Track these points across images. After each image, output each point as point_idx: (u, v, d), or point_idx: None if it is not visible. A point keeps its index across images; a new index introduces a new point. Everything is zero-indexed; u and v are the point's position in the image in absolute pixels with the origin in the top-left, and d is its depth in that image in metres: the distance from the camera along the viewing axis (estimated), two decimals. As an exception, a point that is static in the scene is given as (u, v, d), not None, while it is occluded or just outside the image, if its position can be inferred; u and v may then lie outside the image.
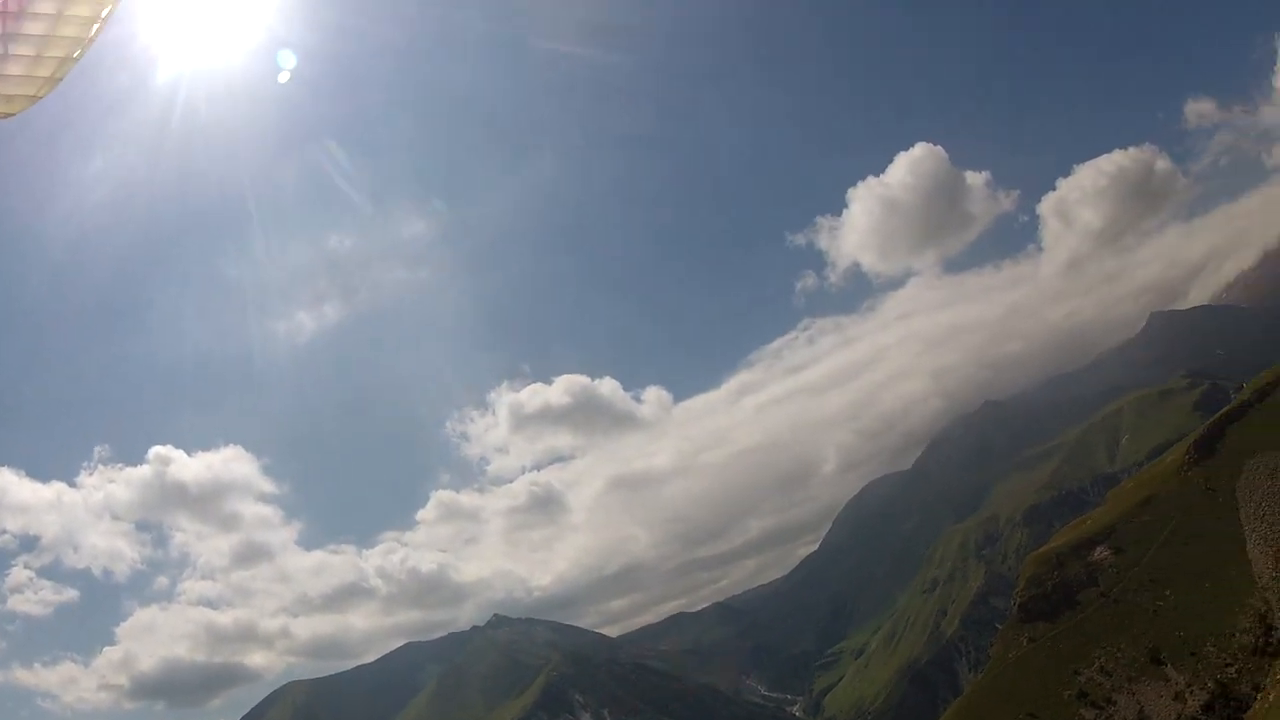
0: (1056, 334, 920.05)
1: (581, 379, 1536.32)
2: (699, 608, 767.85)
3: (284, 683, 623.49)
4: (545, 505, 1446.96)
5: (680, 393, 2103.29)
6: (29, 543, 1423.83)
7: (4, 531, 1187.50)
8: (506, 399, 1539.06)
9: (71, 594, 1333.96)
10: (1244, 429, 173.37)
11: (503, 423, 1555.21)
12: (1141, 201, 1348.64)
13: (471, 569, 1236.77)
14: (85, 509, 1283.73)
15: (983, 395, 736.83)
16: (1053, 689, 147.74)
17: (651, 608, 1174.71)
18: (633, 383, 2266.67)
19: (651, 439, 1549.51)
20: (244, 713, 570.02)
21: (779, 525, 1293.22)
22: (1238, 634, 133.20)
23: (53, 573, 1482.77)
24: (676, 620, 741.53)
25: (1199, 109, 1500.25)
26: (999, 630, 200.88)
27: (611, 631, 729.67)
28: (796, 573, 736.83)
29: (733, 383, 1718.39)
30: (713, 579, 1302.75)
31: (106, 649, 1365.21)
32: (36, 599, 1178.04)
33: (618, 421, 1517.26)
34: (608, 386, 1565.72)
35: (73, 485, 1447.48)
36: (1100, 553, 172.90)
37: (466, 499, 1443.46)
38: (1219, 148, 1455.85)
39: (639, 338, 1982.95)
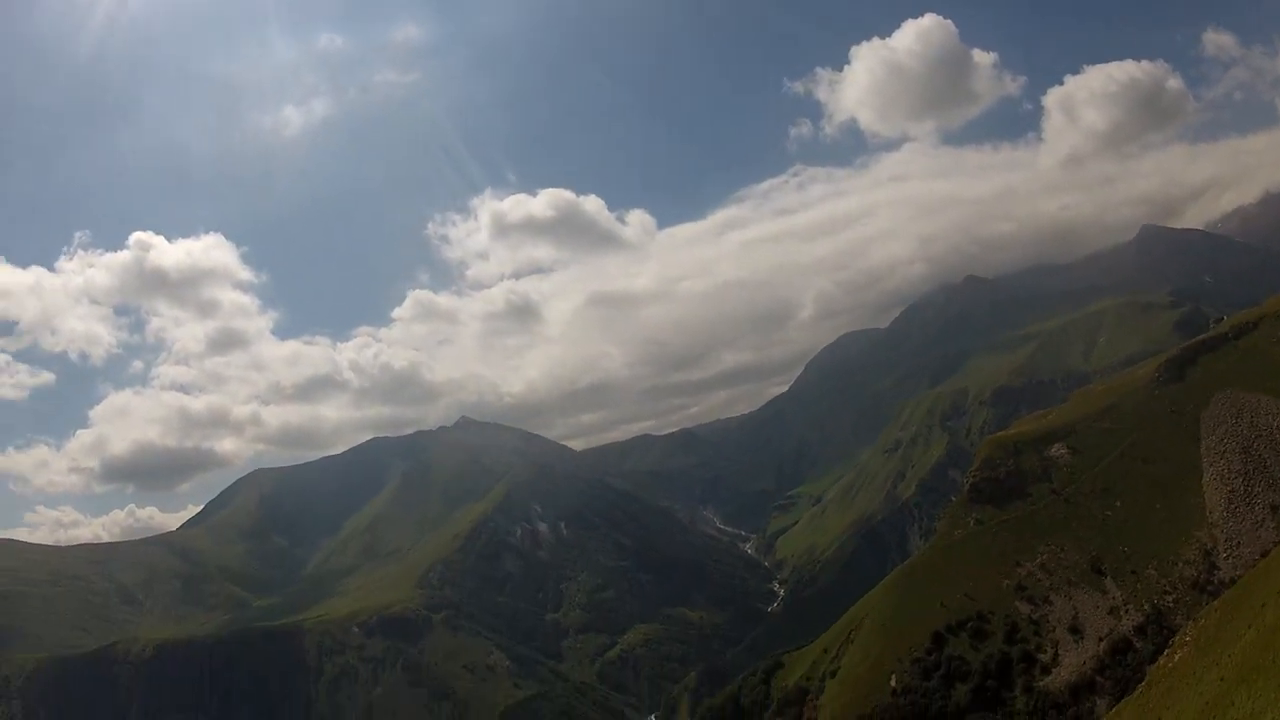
0: (1048, 224, 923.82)
1: (566, 194, 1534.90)
2: (665, 432, 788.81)
3: (251, 469, 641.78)
4: (522, 314, 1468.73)
5: (665, 220, 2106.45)
6: (6, 327, 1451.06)
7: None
8: (490, 206, 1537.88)
9: (47, 377, 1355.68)
10: (1217, 360, 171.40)
11: (484, 229, 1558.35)
12: (1149, 114, 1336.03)
13: (444, 369, 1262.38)
14: (64, 293, 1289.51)
15: (967, 269, 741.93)
16: (993, 576, 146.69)
17: (619, 426, 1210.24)
18: (617, 203, 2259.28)
19: (633, 261, 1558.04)
20: (211, 498, 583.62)
21: (753, 362, 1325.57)
22: (1181, 564, 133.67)
23: (29, 356, 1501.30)
24: (642, 441, 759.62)
25: (1218, 40, 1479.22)
26: (949, 505, 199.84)
27: (577, 445, 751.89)
28: (764, 411, 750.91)
29: (719, 216, 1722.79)
30: (683, 405, 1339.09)
31: (80, 432, 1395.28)
32: (12, 383, 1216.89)
33: (600, 239, 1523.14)
34: (592, 204, 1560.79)
35: (52, 270, 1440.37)
36: (1058, 449, 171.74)
37: (444, 300, 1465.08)
38: (1233, 82, 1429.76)
39: (627, 160, 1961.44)
